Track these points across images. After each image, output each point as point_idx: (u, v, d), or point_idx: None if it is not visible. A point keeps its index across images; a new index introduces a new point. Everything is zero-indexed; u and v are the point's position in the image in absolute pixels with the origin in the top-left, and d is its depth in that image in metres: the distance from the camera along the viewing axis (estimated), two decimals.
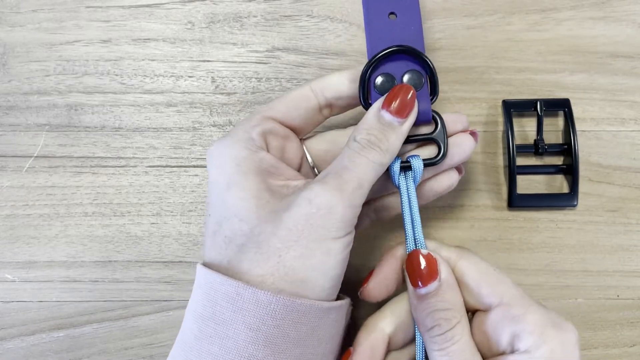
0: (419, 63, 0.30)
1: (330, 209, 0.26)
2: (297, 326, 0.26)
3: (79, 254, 0.36)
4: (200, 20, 0.38)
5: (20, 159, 0.37)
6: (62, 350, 0.36)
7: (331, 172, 0.27)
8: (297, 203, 0.26)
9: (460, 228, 0.36)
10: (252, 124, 0.29)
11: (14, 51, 0.38)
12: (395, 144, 0.28)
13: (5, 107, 0.37)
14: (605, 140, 0.36)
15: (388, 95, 0.28)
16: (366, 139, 0.27)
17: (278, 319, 0.25)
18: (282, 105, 0.30)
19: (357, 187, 0.27)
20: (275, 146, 0.30)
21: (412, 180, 0.29)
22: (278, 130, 0.30)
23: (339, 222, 0.26)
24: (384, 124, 0.28)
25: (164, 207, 0.37)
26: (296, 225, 0.26)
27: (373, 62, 0.29)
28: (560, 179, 0.36)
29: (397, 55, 0.30)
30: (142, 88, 0.37)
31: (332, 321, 0.27)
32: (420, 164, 0.29)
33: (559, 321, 0.27)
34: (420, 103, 0.29)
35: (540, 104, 0.36)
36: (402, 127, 0.28)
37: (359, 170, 0.27)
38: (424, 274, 0.28)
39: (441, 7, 0.37)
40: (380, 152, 0.27)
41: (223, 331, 0.26)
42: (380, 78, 0.30)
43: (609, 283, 0.36)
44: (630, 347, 0.36)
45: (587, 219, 0.36)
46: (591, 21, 0.37)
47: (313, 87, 0.30)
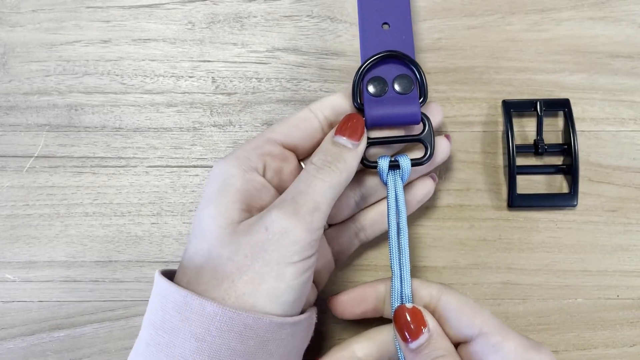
0: (409, 68, 0.31)
1: (285, 234, 0.26)
2: (243, 339, 0.26)
3: (79, 254, 0.36)
4: (200, 20, 0.38)
5: (20, 159, 0.37)
6: (62, 350, 0.36)
7: (288, 197, 0.28)
8: (255, 229, 0.27)
9: (460, 228, 0.36)
10: (254, 145, 0.30)
11: (14, 51, 0.38)
12: (352, 163, 0.29)
13: (6, 107, 0.37)
14: (605, 140, 0.36)
15: (339, 124, 0.30)
16: (323, 160, 0.29)
17: (223, 330, 0.25)
18: (284, 128, 0.31)
19: (314, 210, 0.27)
20: (272, 168, 0.30)
21: (400, 178, 0.31)
22: (277, 152, 0.30)
23: (294, 247, 0.27)
24: (339, 147, 0.29)
25: (165, 207, 0.37)
26: (252, 250, 0.26)
27: (366, 66, 0.31)
28: (560, 179, 0.36)
29: (388, 60, 0.32)
30: (142, 88, 0.37)
31: (287, 336, 0.27)
32: (408, 162, 0.31)
33: (537, 345, 0.29)
34: (410, 106, 0.31)
35: (540, 104, 0.36)
36: (357, 149, 0.30)
37: (314, 193, 0.28)
38: (412, 328, 0.29)
39: (441, 7, 0.37)
40: (336, 171, 0.28)
41: (171, 340, 0.26)
42: (373, 82, 0.31)
43: (608, 283, 0.36)
44: (630, 347, 0.36)
45: (587, 219, 0.36)
46: (591, 21, 0.37)
47: (312, 108, 0.31)
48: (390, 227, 0.31)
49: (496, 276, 0.36)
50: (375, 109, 0.31)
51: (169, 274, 0.29)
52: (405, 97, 0.31)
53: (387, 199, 0.31)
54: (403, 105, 0.31)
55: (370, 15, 0.32)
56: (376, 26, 0.32)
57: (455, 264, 0.36)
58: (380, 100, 0.31)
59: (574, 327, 0.36)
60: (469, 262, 0.36)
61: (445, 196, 0.36)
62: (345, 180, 0.29)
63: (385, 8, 0.32)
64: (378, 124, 0.31)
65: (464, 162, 0.37)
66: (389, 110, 0.31)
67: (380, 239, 0.36)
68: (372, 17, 0.32)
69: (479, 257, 0.36)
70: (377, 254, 0.36)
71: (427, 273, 0.36)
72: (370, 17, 0.32)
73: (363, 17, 0.32)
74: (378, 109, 0.31)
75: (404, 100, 0.31)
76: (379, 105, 0.31)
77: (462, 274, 0.36)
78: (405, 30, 0.32)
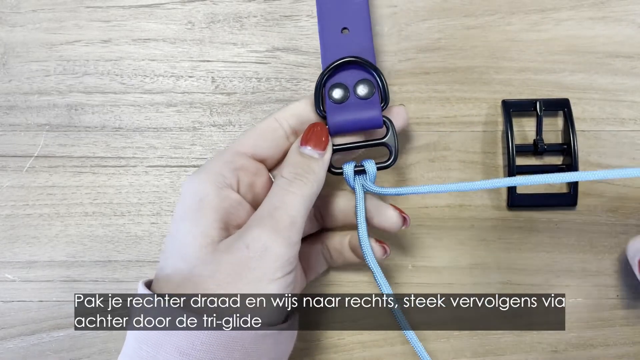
0: (370, 73, 0.32)
1: (266, 251, 0.27)
2: (229, 352, 0.26)
3: (79, 254, 0.36)
4: (200, 20, 0.38)
5: (20, 158, 0.37)
6: (62, 350, 0.36)
7: (264, 213, 0.28)
8: (236, 247, 0.27)
9: (460, 228, 0.36)
10: (225, 159, 0.30)
11: (14, 51, 0.38)
12: (321, 174, 0.30)
13: (6, 107, 0.37)
14: (604, 140, 0.36)
15: (304, 135, 0.30)
16: (293, 172, 0.29)
17: (208, 343, 0.25)
18: (252, 139, 0.31)
19: (291, 224, 0.28)
20: (245, 182, 0.30)
21: (370, 181, 0.31)
22: (249, 166, 0.30)
23: (275, 264, 0.27)
24: (306, 158, 0.30)
25: (164, 207, 0.37)
26: (234, 269, 0.27)
27: (326, 73, 0.31)
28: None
29: (349, 65, 0.32)
30: (142, 88, 0.37)
31: (271, 345, 0.27)
32: (374, 167, 0.31)
33: None
34: (371, 110, 0.31)
35: (540, 104, 0.36)
36: (324, 158, 0.30)
37: (289, 208, 0.28)
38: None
39: (441, 7, 0.37)
40: (307, 183, 0.29)
41: (154, 354, 0.26)
42: (335, 88, 0.32)
43: (609, 283, 0.36)
44: (630, 347, 0.36)
45: (587, 219, 0.36)
46: (591, 21, 0.37)
47: (277, 117, 0.31)
48: (360, 225, 0.31)
49: (496, 276, 0.36)
50: (338, 115, 0.31)
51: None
52: (367, 102, 0.31)
53: (356, 201, 0.31)
54: (365, 110, 0.31)
55: (329, 21, 0.32)
56: (336, 31, 0.32)
57: (455, 264, 0.36)
58: (342, 106, 0.31)
59: (574, 327, 0.36)
60: (469, 262, 0.36)
61: (445, 196, 0.36)
62: (316, 191, 0.29)
63: (344, 13, 0.32)
64: (341, 130, 0.31)
65: (464, 162, 0.37)
66: (351, 116, 0.31)
67: (381, 238, 0.36)
68: (332, 22, 0.32)
69: (479, 257, 0.36)
70: None
71: (427, 273, 0.36)
72: (329, 22, 0.32)
73: (322, 22, 0.32)
74: (340, 116, 0.31)
75: (366, 105, 0.31)
76: (341, 112, 0.31)
77: (462, 274, 0.36)
78: (364, 33, 0.32)
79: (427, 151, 0.37)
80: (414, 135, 0.37)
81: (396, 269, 0.36)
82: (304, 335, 0.36)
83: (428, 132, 0.37)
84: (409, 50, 0.37)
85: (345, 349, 0.36)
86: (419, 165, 0.36)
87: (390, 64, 0.37)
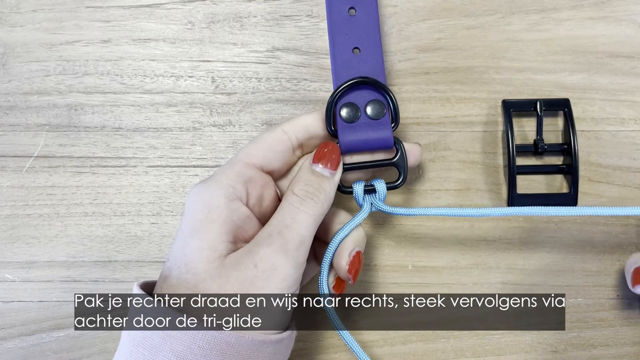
0: (381, 93, 0.32)
1: (275, 271, 0.27)
2: (225, 357, 0.26)
3: (79, 254, 0.36)
4: (200, 20, 0.38)
5: (20, 159, 0.37)
6: (62, 350, 0.36)
7: (274, 231, 0.28)
8: (244, 265, 0.27)
9: (460, 228, 0.36)
10: (235, 171, 0.30)
11: (14, 51, 0.38)
12: (331, 193, 0.30)
13: (6, 107, 0.37)
14: (605, 140, 0.36)
15: (316, 153, 0.30)
16: (304, 190, 0.29)
17: (205, 348, 0.25)
18: (261, 151, 0.31)
19: (300, 245, 0.28)
20: (254, 195, 0.30)
21: (380, 200, 0.32)
22: (258, 178, 0.30)
23: (282, 284, 0.27)
24: (318, 176, 0.30)
25: (164, 207, 0.37)
26: (241, 286, 0.27)
27: (338, 93, 0.32)
28: (560, 179, 0.36)
29: (360, 86, 0.32)
30: (142, 88, 0.37)
31: (269, 354, 0.27)
32: (384, 186, 0.32)
33: None
34: (382, 131, 0.32)
35: (540, 104, 0.36)
36: (335, 178, 0.30)
37: (300, 227, 0.28)
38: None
39: (441, 7, 0.37)
40: (318, 202, 0.29)
41: (151, 358, 0.26)
42: (345, 108, 0.32)
43: (609, 283, 0.36)
44: (630, 347, 0.36)
45: (587, 219, 0.36)
46: (591, 21, 0.37)
47: (285, 129, 0.31)
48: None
49: (496, 276, 0.36)
50: (349, 135, 0.31)
51: (148, 286, 0.29)
52: (378, 122, 0.32)
53: (356, 217, 0.31)
54: (375, 131, 0.32)
55: (341, 41, 0.33)
56: (347, 51, 0.32)
57: (455, 264, 0.36)
58: (353, 126, 0.32)
59: (574, 327, 0.36)
60: (469, 262, 0.36)
61: (445, 196, 0.36)
62: (325, 211, 0.30)
63: (355, 33, 0.33)
64: (352, 149, 0.32)
65: (464, 162, 0.37)
66: (362, 136, 0.31)
67: (381, 239, 0.36)
68: (343, 43, 0.32)
69: (479, 257, 0.36)
70: (378, 253, 0.36)
71: (427, 273, 0.36)
72: (341, 42, 0.33)
73: (334, 43, 0.33)
74: (351, 135, 0.31)
75: (376, 126, 0.32)
76: (352, 131, 0.31)
77: (462, 274, 0.36)
78: (376, 54, 0.32)
79: (427, 151, 0.37)
80: (414, 135, 0.37)
81: (396, 269, 0.36)
82: (304, 335, 0.36)
83: (428, 132, 0.37)
84: (409, 50, 0.37)
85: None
86: (419, 165, 0.36)
87: (390, 64, 0.37)
